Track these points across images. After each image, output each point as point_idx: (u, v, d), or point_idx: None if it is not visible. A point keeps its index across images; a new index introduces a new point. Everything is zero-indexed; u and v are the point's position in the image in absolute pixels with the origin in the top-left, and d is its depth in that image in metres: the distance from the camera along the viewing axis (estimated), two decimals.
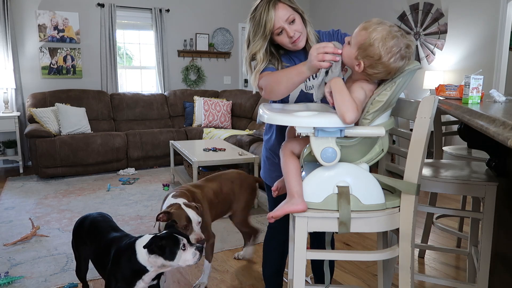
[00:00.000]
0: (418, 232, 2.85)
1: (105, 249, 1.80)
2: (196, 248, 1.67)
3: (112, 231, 1.89)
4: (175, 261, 1.63)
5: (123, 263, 1.69)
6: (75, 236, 2.03)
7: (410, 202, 1.27)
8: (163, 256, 1.63)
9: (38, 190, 4.29)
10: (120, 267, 1.70)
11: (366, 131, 1.22)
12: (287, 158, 1.34)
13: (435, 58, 5.09)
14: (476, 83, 1.75)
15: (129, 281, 1.70)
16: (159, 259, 1.64)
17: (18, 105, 5.31)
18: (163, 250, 1.62)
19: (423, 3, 5.17)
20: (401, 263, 1.32)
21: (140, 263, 1.67)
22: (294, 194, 1.28)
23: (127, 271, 1.69)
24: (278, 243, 1.89)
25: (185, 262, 1.65)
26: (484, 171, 1.86)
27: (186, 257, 1.64)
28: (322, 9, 6.68)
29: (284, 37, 1.53)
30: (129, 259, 1.68)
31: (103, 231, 1.89)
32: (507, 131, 0.93)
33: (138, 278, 1.70)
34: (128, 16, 5.94)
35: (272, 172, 1.77)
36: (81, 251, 2.02)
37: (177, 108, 6.07)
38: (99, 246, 1.85)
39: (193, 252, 1.65)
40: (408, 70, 1.22)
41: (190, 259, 1.64)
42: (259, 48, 1.54)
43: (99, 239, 1.87)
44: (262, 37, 1.52)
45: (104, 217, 2.01)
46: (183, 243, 1.64)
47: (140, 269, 1.68)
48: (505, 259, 1.71)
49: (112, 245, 1.77)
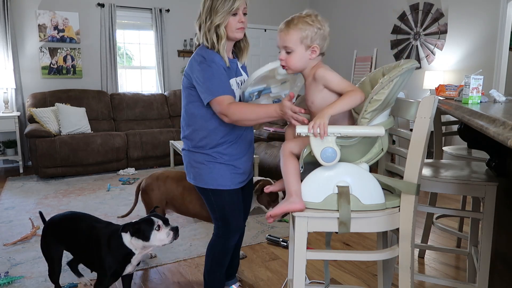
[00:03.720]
0: (418, 232, 2.85)
1: (90, 238, 1.89)
2: (171, 228, 1.81)
3: (90, 221, 1.99)
4: (151, 241, 1.78)
5: (113, 248, 1.83)
6: (47, 237, 2.04)
7: (410, 202, 1.27)
8: (141, 238, 1.78)
9: (38, 190, 4.29)
10: (112, 252, 1.82)
11: (366, 130, 1.22)
12: (287, 158, 1.35)
13: (435, 58, 5.09)
14: (476, 83, 1.75)
15: (121, 265, 1.85)
16: (139, 241, 1.79)
17: (18, 105, 5.31)
18: (138, 231, 1.78)
19: (423, 3, 5.17)
20: (401, 263, 1.32)
21: (127, 246, 1.82)
22: (292, 193, 1.29)
23: (118, 255, 1.83)
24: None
25: (160, 241, 1.79)
26: (484, 171, 1.86)
27: (160, 237, 1.78)
28: (322, 9, 6.68)
29: (234, 20, 1.64)
30: (118, 244, 1.83)
31: (81, 222, 1.98)
32: (507, 131, 0.93)
33: (128, 262, 1.86)
34: (128, 16, 5.94)
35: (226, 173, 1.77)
36: (54, 252, 2.04)
37: (177, 108, 6.06)
38: (85, 237, 1.92)
39: (167, 232, 1.79)
40: (405, 68, 1.22)
41: (164, 239, 1.78)
42: (223, 21, 1.63)
43: (80, 230, 1.95)
44: (227, 11, 1.62)
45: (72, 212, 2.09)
46: (157, 224, 1.78)
47: (128, 253, 1.83)
48: (505, 259, 1.71)
49: (99, 233, 1.89)
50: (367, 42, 6.01)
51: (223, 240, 1.84)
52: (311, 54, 1.35)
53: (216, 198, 1.78)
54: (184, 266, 2.56)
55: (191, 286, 2.34)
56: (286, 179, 1.32)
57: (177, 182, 2.42)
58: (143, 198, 2.49)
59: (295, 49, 1.34)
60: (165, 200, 2.44)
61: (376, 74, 1.37)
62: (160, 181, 2.45)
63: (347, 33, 6.31)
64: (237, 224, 1.84)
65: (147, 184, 2.47)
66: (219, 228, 1.84)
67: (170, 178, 2.45)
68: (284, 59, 1.37)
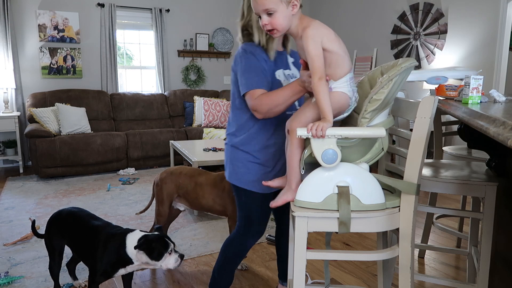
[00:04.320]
0: (418, 232, 2.85)
1: (90, 234, 1.90)
2: (179, 255, 1.83)
3: (92, 219, 1.99)
4: (160, 262, 1.79)
5: (111, 249, 1.82)
6: (51, 229, 2.06)
7: (410, 202, 1.27)
8: (150, 256, 1.77)
9: (38, 190, 4.29)
10: (107, 253, 1.81)
11: (367, 132, 1.22)
12: (295, 148, 1.35)
13: (435, 58, 5.09)
14: (476, 83, 1.74)
15: (113, 267, 1.84)
16: (145, 256, 1.78)
17: (18, 105, 5.31)
18: (152, 250, 1.77)
19: (423, 3, 5.17)
20: (401, 263, 1.32)
21: (128, 255, 1.80)
22: (292, 184, 1.36)
23: (113, 257, 1.82)
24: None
25: (167, 265, 1.81)
26: (484, 171, 1.86)
27: (169, 261, 1.80)
28: (323, 9, 6.68)
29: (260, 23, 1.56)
30: (118, 249, 1.81)
31: (85, 219, 1.99)
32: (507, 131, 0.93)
33: (122, 266, 1.84)
34: (128, 16, 5.94)
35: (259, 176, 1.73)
36: (56, 245, 2.06)
37: (177, 108, 6.07)
38: (84, 233, 1.93)
39: (176, 258, 1.82)
40: (404, 67, 1.22)
41: (171, 263, 1.81)
42: (253, 20, 1.59)
43: (82, 227, 1.96)
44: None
45: (80, 209, 2.10)
46: (171, 248, 1.80)
47: (126, 260, 1.82)
48: (505, 259, 1.71)
49: (99, 231, 1.89)
50: (367, 42, 6.01)
51: (242, 238, 1.83)
52: (293, 10, 1.32)
53: (246, 199, 1.77)
54: (184, 266, 2.56)
55: (191, 286, 2.34)
56: (290, 167, 1.37)
57: (190, 177, 2.51)
58: (156, 191, 2.56)
59: (277, 9, 1.31)
60: (177, 193, 2.52)
61: (374, 73, 1.36)
62: (174, 176, 2.53)
63: (347, 33, 6.31)
64: (260, 228, 1.82)
65: (161, 178, 2.55)
66: (241, 226, 1.83)
67: (183, 173, 2.54)
68: (269, 23, 1.33)
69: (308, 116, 1.32)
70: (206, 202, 2.46)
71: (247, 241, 1.83)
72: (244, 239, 1.83)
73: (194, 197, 2.49)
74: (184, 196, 2.53)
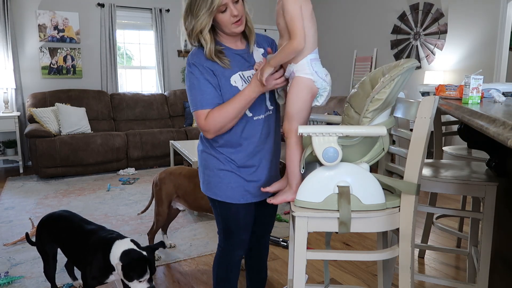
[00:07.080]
0: (418, 232, 2.85)
1: (82, 238, 1.88)
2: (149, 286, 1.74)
3: (84, 223, 1.97)
4: (127, 283, 1.73)
5: (98, 254, 1.79)
6: (42, 234, 2.04)
7: (410, 202, 1.27)
8: (123, 271, 1.70)
9: (38, 190, 4.29)
10: (96, 257, 1.80)
11: (367, 130, 1.22)
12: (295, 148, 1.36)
13: (435, 58, 5.09)
14: (476, 83, 1.74)
15: (103, 272, 1.80)
16: (120, 271, 1.71)
17: (18, 105, 5.31)
18: (129, 268, 1.69)
19: (423, 3, 5.17)
20: (401, 263, 1.32)
21: (110, 262, 1.76)
22: (292, 184, 1.35)
23: (101, 263, 1.78)
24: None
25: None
26: (484, 171, 1.86)
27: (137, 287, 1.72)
28: (322, 9, 6.68)
29: (226, 16, 1.38)
30: (103, 254, 1.78)
31: (76, 223, 1.97)
32: (507, 131, 0.93)
33: (110, 273, 1.80)
34: (128, 16, 5.94)
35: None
36: (48, 249, 2.04)
37: (177, 108, 6.07)
38: (77, 237, 1.91)
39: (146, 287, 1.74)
40: (406, 67, 1.22)
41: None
42: (204, 25, 1.38)
43: (74, 230, 1.94)
44: (207, 13, 1.35)
45: (71, 212, 2.08)
46: (146, 278, 1.72)
47: (109, 267, 1.77)
48: (505, 259, 1.71)
49: (90, 235, 1.86)
50: (367, 42, 6.00)
51: (226, 253, 1.67)
52: None
53: (222, 211, 1.60)
54: (184, 266, 2.56)
55: (191, 286, 2.34)
56: (290, 168, 1.37)
57: (189, 178, 2.51)
58: (155, 191, 2.57)
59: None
60: (176, 194, 2.53)
61: (376, 73, 1.36)
62: (173, 176, 2.54)
63: (347, 33, 6.31)
64: (241, 239, 1.64)
65: (160, 178, 2.55)
66: (221, 241, 1.68)
67: (183, 174, 2.55)
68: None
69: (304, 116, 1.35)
70: (205, 203, 2.46)
71: (233, 254, 1.66)
72: (229, 253, 1.66)
73: (193, 198, 2.49)
74: (183, 196, 2.53)
